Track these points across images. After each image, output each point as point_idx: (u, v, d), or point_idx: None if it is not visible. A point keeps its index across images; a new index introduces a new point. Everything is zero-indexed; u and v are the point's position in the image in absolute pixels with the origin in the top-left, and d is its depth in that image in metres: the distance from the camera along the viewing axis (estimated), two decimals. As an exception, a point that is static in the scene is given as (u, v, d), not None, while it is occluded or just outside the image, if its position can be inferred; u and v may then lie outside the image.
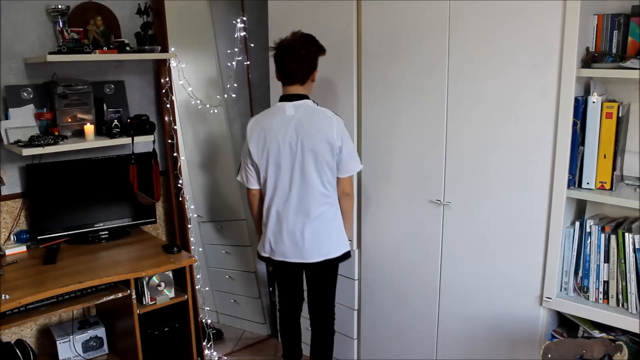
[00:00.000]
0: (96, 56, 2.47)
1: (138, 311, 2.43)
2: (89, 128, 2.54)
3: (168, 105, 2.89)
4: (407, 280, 2.53)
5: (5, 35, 2.48)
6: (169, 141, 2.93)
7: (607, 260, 1.94)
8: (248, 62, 3.17)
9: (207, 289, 3.31)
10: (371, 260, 2.68)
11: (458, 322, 2.38)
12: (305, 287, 2.52)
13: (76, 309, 2.69)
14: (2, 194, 2.54)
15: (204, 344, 3.00)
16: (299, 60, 2.21)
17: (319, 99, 2.33)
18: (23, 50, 2.53)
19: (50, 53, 2.40)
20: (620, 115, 1.85)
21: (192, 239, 3.00)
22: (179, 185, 2.95)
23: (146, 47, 2.65)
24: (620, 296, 1.92)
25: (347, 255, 2.40)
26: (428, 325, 2.49)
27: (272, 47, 2.28)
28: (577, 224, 1.99)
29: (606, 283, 1.95)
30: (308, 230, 2.26)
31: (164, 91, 2.87)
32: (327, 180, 2.26)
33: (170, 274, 2.54)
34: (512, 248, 2.15)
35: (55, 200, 2.62)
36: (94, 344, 2.71)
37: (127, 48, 2.57)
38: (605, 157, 1.90)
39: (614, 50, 1.87)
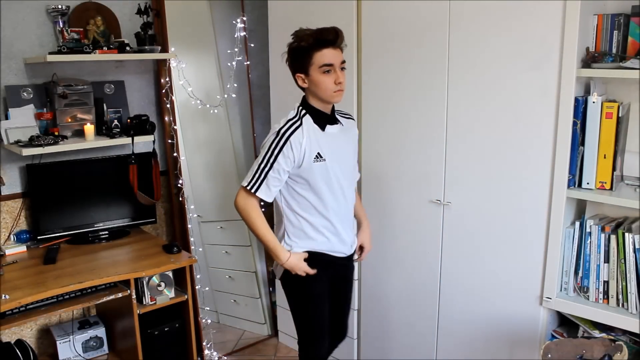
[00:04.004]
0: (96, 56, 2.47)
1: (138, 311, 2.43)
2: (89, 128, 2.54)
3: (168, 105, 2.89)
4: (407, 280, 2.53)
5: (5, 35, 2.48)
6: (169, 141, 2.93)
7: (607, 260, 1.94)
8: (248, 62, 3.17)
9: (207, 289, 3.31)
10: (371, 260, 2.67)
11: (458, 322, 2.38)
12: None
13: (76, 309, 2.69)
14: (2, 194, 2.54)
15: (204, 344, 3.00)
16: None
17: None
18: (23, 50, 2.53)
19: (50, 53, 2.40)
20: (620, 115, 1.85)
21: (192, 239, 3.00)
22: (179, 185, 2.95)
23: (146, 47, 2.65)
24: (620, 296, 1.92)
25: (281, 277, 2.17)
26: (428, 325, 2.49)
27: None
28: (577, 224, 1.99)
29: (606, 283, 1.95)
30: None
31: (164, 91, 2.87)
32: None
33: (170, 274, 2.54)
34: (512, 248, 2.15)
35: (55, 200, 2.62)
36: (94, 344, 2.71)
37: (127, 48, 2.56)
38: (605, 157, 1.90)
39: (614, 50, 1.87)
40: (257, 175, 1.96)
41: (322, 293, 2.14)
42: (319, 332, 2.17)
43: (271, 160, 1.94)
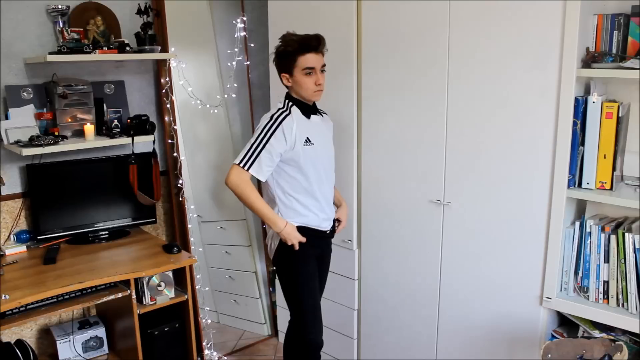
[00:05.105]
0: (96, 56, 2.47)
1: (138, 311, 2.43)
2: (89, 128, 2.54)
3: (168, 105, 2.89)
4: (407, 280, 2.53)
5: (5, 35, 2.48)
6: (169, 141, 2.93)
7: (607, 260, 1.94)
8: (248, 62, 3.17)
9: (207, 289, 3.31)
10: (371, 260, 2.68)
11: (458, 322, 2.38)
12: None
13: (76, 309, 2.69)
14: (2, 194, 2.54)
15: (204, 344, 3.00)
16: None
17: (320, 99, 2.30)
18: (23, 50, 2.53)
19: (50, 53, 2.40)
20: (620, 115, 1.85)
21: (192, 239, 3.00)
22: (179, 185, 2.95)
23: (146, 47, 2.65)
24: (620, 296, 1.92)
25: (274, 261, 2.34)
26: (428, 325, 2.48)
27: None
28: (577, 224, 1.99)
29: (606, 283, 1.95)
30: None
31: (164, 91, 2.88)
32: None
33: (170, 274, 2.54)
34: (512, 248, 2.15)
35: (55, 200, 2.62)
36: (94, 344, 2.71)
37: (127, 48, 2.56)
38: (605, 157, 1.90)
39: (614, 50, 1.87)
40: (249, 154, 2.11)
41: (312, 272, 2.28)
42: (312, 312, 2.26)
43: (264, 142, 2.10)
